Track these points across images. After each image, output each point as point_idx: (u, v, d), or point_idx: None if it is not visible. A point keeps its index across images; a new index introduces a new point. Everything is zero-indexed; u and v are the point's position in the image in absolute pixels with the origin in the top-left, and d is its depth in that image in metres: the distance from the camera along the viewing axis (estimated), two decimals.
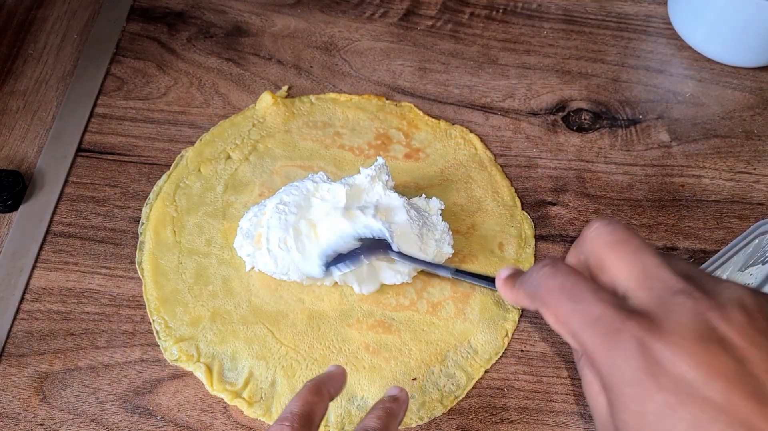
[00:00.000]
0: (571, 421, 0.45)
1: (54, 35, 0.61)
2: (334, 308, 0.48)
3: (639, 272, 0.28)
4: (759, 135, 0.59)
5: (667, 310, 0.26)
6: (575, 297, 0.29)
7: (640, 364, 0.26)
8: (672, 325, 0.26)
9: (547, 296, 0.31)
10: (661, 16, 0.66)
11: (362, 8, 0.65)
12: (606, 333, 0.27)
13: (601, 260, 0.30)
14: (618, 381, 0.26)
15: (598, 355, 0.28)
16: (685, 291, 0.27)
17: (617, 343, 0.27)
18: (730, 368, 0.24)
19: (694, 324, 0.26)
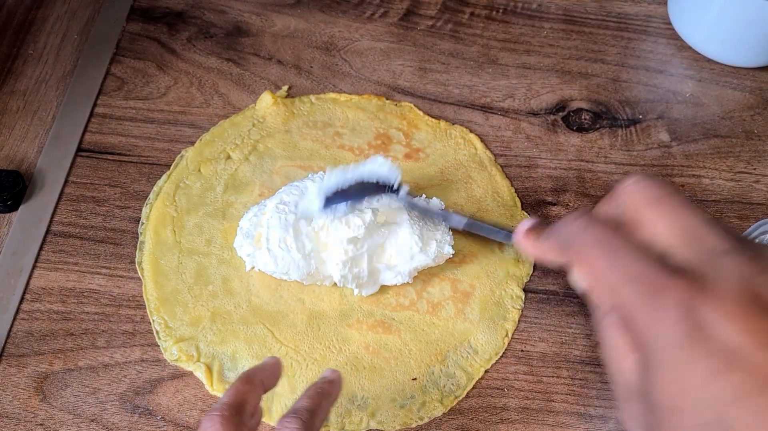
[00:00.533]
0: (571, 421, 0.45)
1: (54, 35, 0.61)
2: (335, 308, 0.48)
3: (682, 230, 0.27)
4: (759, 135, 0.59)
5: (714, 270, 0.25)
6: (614, 251, 0.27)
7: (686, 327, 0.24)
8: (720, 287, 0.24)
9: (583, 249, 0.29)
10: (661, 16, 0.66)
11: (362, 8, 0.65)
12: (648, 290, 0.25)
13: (639, 215, 0.28)
14: (661, 343, 0.25)
15: (639, 314, 0.26)
16: (734, 252, 0.25)
17: (661, 303, 0.25)
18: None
19: (743, 288, 0.24)
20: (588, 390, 0.46)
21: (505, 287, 0.49)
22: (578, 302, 0.50)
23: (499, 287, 0.49)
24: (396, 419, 0.44)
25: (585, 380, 0.47)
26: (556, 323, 0.49)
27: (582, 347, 0.48)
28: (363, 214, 0.46)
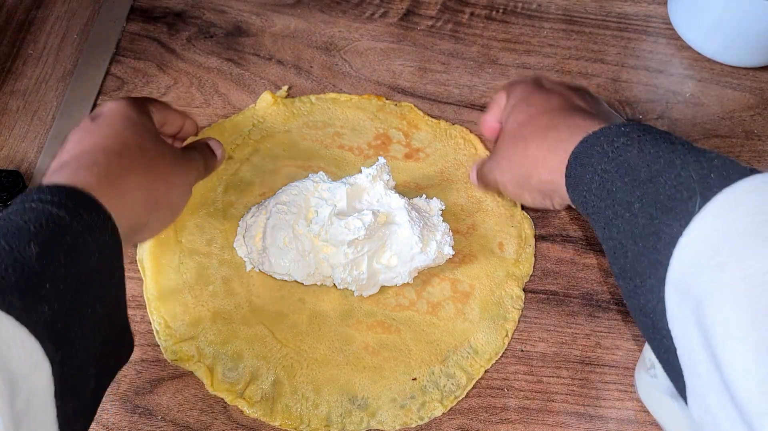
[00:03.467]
0: (571, 421, 0.45)
1: (54, 35, 0.61)
2: (335, 309, 0.48)
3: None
4: (759, 135, 0.59)
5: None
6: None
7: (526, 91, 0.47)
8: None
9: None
10: (661, 16, 0.66)
11: (362, 8, 0.65)
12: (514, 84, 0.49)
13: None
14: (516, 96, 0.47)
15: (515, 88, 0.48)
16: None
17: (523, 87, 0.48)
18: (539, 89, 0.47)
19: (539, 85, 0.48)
20: (588, 390, 0.46)
21: (505, 287, 0.49)
22: (578, 302, 0.50)
23: (499, 288, 0.49)
24: (396, 419, 0.44)
25: (585, 380, 0.47)
26: (556, 323, 0.49)
27: (582, 347, 0.48)
28: (363, 216, 0.46)
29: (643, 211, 0.34)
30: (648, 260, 0.33)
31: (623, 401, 0.46)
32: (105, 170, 0.37)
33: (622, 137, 0.37)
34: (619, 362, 0.48)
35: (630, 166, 0.35)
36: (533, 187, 0.44)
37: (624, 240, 0.35)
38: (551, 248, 0.52)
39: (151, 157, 0.41)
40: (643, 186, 0.34)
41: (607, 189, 0.36)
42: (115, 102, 0.42)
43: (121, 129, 0.40)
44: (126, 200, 0.37)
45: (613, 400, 0.46)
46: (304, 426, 0.44)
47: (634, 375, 0.46)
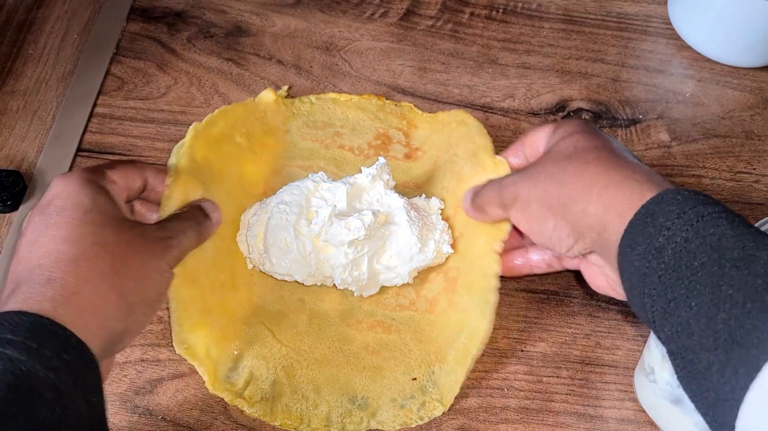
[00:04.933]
0: (571, 421, 0.45)
1: (54, 35, 0.61)
2: (335, 309, 0.48)
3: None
4: (759, 135, 0.59)
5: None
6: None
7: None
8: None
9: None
10: (661, 16, 0.66)
11: (362, 8, 0.65)
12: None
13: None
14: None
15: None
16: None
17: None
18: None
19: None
20: (588, 390, 0.46)
21: (484, 257, 0.46)
22: (578, 303, 0.50)
23: (479, 260, 0.47)
24: (396, 419, 0.44)
25: (585, 380, 0.47)
26: (556, 323, 0.49)
27: (582, 347, 0.48)
28: (363, 216, 0.46)
29: (732, 297, 0.29)
30: (724, 352, 0.29)
31: (623, 401, 0.46)
32: (61, 288, 0.32)
33: (704, 206, 0.32)
34: (619, 362, 0.48)
35: (720, 242, 0.30)
36: (569, 214, 0.37)
37: (695, 322, 0.30)
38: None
39: (114, 251, 0.35)
40: (734, 269, 0.29)
41: (685, 262, 0.31)
42: (63, 181, 0.36)
43: (74, 224, 0.34)
44: (92, 315, 0.33)
45: (613, 400, 0.46)
46: (304, 426, 0.44)
47: (634, 379, 0.46)
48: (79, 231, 0.34)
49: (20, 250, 0.35)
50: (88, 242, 0.34)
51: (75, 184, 0.36)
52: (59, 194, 0.36)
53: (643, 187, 0.35)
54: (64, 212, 0.35)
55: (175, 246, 0.39)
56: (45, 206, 0.36)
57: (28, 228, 0.35)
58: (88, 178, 0.37)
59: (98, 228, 0.35)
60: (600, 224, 0.35)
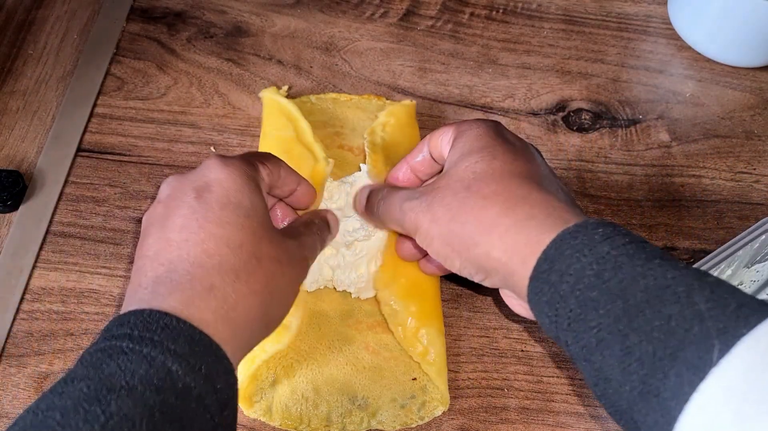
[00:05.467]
0: (571, 421, 0.45)
1: (54, 35, 0.61)
2: (335, 309, 0.48)
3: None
4: (759, 135, 0.59)
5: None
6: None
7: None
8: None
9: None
10: (661, 16, 0.66)
11: (362, 8, 0.65)
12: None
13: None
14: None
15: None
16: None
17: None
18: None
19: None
20: (588, 390, 0.46)
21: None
22: None
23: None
24: (396, 419, 0.44)
25: None
26: None
27: None
28: None
29: (641, 347, 0.28)
30: (645, 403, 0.28)
31: None
32: (223, 301, 0.31)
33: (605, 243, 0.31)
34: None
35: (622, 287, 0.29)
36: (472, 256, 0.35)
37: (610, 370, 0.29)
38: None
39: (268, 269, 0.33)
40: (640, 316, 0.29)
41: (590, 311, 0.30)
42: (224, 172, 0.34)
43: (236, 228, 0.33)
44: (244, 333, 0.32)
45: None
46: (304, 426, 0.44)
47: None
48: (240, 237, 0.33)
49: (168, 227, 0.32)
50: (247, 253, 0.33)
51: (237, 177, 0.34)
52: (220, 182, 0.34)
53: (541, 228, 0.33)
54: (226, 209, 0.33)
55: (307, 264, 0.38)
56: (202, 189, 0.34)
57: (181, 206, 0.33)
58: (248, 173, 0.35)
59: (256, 239, 0.33)
60: (505, 269, 0.34)
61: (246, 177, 0.35)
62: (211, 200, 0.33)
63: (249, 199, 0.34)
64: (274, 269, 0.34)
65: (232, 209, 0.33)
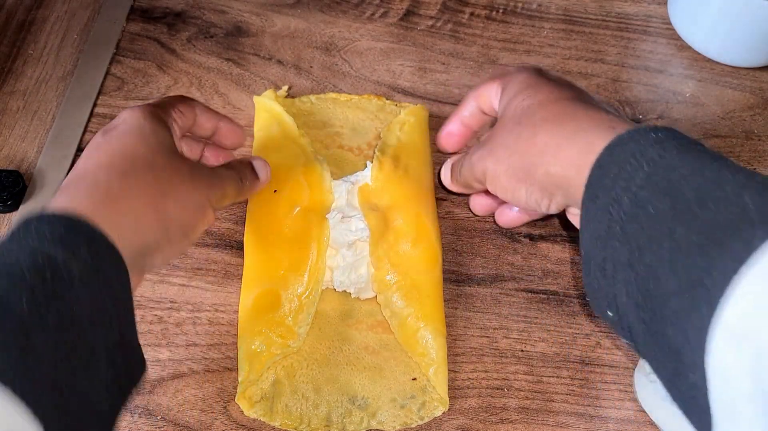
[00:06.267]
0: (571, 421, 0.45)
1: (54, 35, 0.61)
2: (335, 309, 0.48)
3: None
4: (759, 135, 0.59)
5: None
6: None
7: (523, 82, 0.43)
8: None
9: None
10: (661, 16, 0.66)
11: (362, 8, 0.65)
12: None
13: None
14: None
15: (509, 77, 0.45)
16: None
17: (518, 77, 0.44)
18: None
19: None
20: (588, 390, 0.46)
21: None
22: (578, 302, 0.50)
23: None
24: (396, 419, 0.44)
25: (585, 380, 0.47)
26: (556, 323, 0.49)
27: (582, 347, 0.48)
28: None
29: (688, 239, 0.29)
30: (689, 294, 0.29)
31: (623, 401, 0.46)
32: (105, 192, 0.35)
33: (657, 146, 0.32)
34: (619, 362, 0.48)
35: (672, 185, 0.31)
36: (535, 180, 0.39)
37: (657, 267, 0.31)
38: (551, 248, 0.52)
39: (161, 175, 0.37)
40: (689, 211, 0.30)
41: (642, 209, 0.32)
42: (130, 111, 0.39)
43: (131, 145, 0.37)
44: (128, 220, 0.35)
45: (613, 400, 0.46)
46: (304, 426, 0.44)
47: (634, 379, 0.46)
48: (134, 151, 0.37)
49: (77, 164, 0.37)
50: (139, 160, 0.37)
51: (140, 114, 0.39)
52: (124, 120, 0.38)
53: (591, 138, 0.36)
54: (124, 135, 0.38)
55: (218, 187, 0.40)
56: (109, 129, 0.38)
57: (89, 146, 0.38)
58: (153, 111, 0.40)
59: (151, 153, 0.37)
60: (565, 182, 0.37)
61: (149, 113, 0.39)
62: (112, 133, 0.38)
63: (150, 126, 0.38)
64: (168, 176, 0.37)
65: (130, 134, 0.38)
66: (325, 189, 0.48)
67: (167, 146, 0.39)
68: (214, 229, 0.51)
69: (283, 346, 0.45)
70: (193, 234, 0.39)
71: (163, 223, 0.36)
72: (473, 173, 0.43)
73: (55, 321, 0.29)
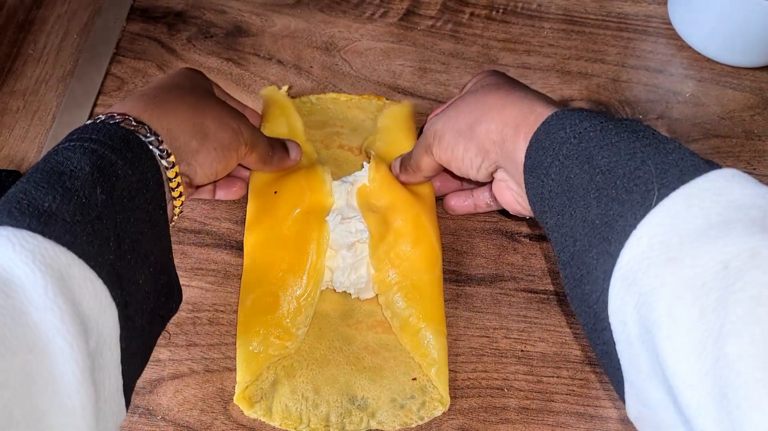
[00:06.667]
0: (571, 421, 0.45)
1: (54, 35, 0.61)
2: (335, 309, 0.48)
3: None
4: (759, 135, 0.59)
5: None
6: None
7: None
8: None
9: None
10: (661, 16, 0.66)
11: (362, 8, 0.65)
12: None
13: None
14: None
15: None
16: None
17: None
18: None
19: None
20: (588, 390, 0.46)
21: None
22: None
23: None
24: (396, 419, 0.44)
25: (585, 380, 0.47)
26: (556, 323, 0.49)
27: (582, 347, 0.48)
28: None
29: (599, 200, 0.33)
30: (597, 250, 0.33)
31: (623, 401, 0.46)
32: (152, 98, 0.40)
33: (585, 122, 0.36)
34: None
35: (590, 154, 0.35)
36: (474, 136, 0.42)
37: (576, 229, 0.34)
38: (551, 248, 0.52)
39: (201, 100, 0.43)
40: (601, 176, 0.34)
41: (565, 176, 0.35)
42: (180, 67, 0.46)
43: (179, 79, 0.44)
44: (172, 121, 0.39)
45: (613, 400, 0.46)
46: (304, 426, 0.44)
47: None
48: (180, 80, 0.44)
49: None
50: (185, 85, 0.43)
51: (193, 69, 0.47)
52: (175, 67, 0.46)
53: (534, 105, 0.39)
54: (173, 74, 0.45)
55: (250, 131, 0.45)
56: (169, 73, 0.46)
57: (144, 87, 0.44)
58: (203, 74, 0.47)
59: (194, 86, 0.44)
60: (500, 138, 0.40)
61: (201, 73, 0.47)
62: (167, 73, 0.46)
63: (195, 74, 0.46)
64: (208, 101, 0.43)
65: (181, 74, 0.45)
66: (326, 192, 0.48)
67: (208, 88, 0.46)
68: (214, 229, 0.51)
69: (281, 347, 0.45)
70: (227, 159, 0.43)
71: (202, 129, 0.41)
72: (425, 142, 0.46)
73: (123, 218, 0.33)
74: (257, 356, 0.44)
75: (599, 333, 0.33)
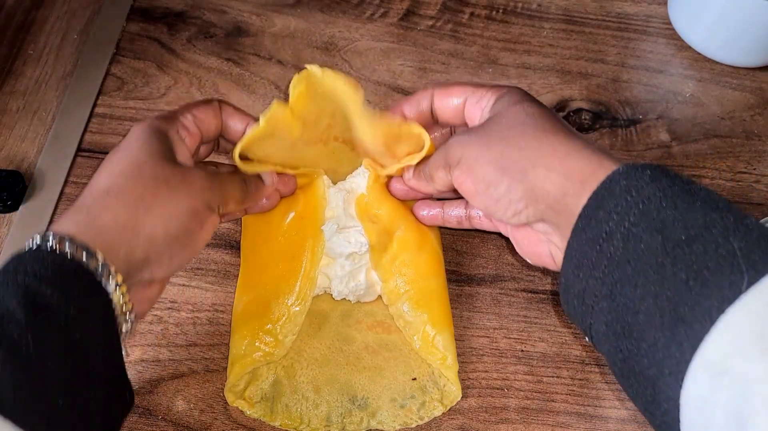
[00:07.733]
0: (571, 421, 0.45)
1: (54, 35, 0.61)
2: (335, 309, 0.48)
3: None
4: (759, 135, 0.59)
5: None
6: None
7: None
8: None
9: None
10: (661, 16, 0.66)
11: (362, 8, 0.65)
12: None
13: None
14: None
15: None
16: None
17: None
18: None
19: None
20: (588, 390, 0.46)
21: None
22: None
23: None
24: (396, 419, 0.44)
25: (585, 380, 0.47)
26: (556, 323, 0.49)
27: (582, 347, 0.48)
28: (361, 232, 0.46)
29: (676, 276, 0.30)
30: (671, 330, 0.30)
31: (623, 401, 0.46)
32: (86, 215, 0.35)
33: (652, 184, 0.33)
34: None
35: (664, 224, 0.31)
36: (525, 180, 0.36)
37: (639, 301, 0.31)
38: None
39: (146, 186, 0.36)
40: (677, 249, 0.31)
41: (632, 245, 0.32)
42: (132, 130, 0.39)
43: (119, 161, 0.38)
44: (111, 236, 0.35)
45: (613, 400, 0.46)
46: (304, 426, 0.44)
47: None
48: (120, 168, 0.37)
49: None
50: (123, 177, 0.36)
51: (138, 128, 0.39)
52: (126, 138, 0.39)
53: (601, 158, 0.35)
54: (118, 152, 0.38)
55: (218, 189, 0.39)
56: (114, 149, 0.39)
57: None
58: (154, 124, 0.39)
59: (137, 167, 0.37)
60: (560, 191, 0.35)
61: (149, 127, 0.39)
62: (113, 153, 0.38)
63: (145, 140, 0.38)
64: (154, 186, 0.36)
65: (123, 152, 0.38)
66: (320, 195, 0.47)
67: (158, 156, 0.38)
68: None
69: (267, 355, 0.44)
70: (192, 241, 0.38)
71: (146, 235, 0.35)
72: (446, 157, 0.40)
73: (55, 350, 0.30)
74: (243, 359, 0.44)
75: (656, 403, 0.31)
